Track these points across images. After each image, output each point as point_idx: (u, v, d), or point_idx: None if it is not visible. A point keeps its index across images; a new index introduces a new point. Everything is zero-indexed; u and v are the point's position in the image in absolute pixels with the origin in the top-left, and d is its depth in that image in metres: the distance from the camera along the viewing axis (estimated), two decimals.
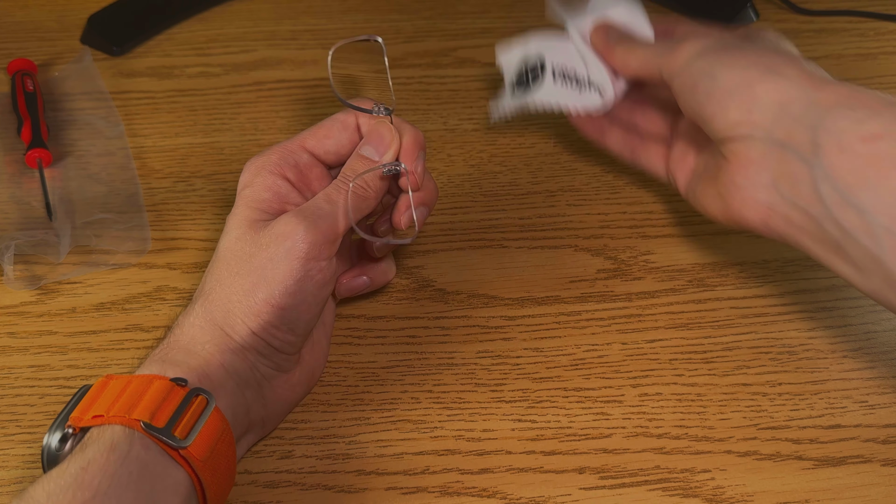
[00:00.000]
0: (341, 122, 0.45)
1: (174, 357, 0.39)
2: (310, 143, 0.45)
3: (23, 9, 0.67)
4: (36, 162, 0.54)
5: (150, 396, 0.36)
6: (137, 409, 0.36)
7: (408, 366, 0.47)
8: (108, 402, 0.36)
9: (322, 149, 0.45)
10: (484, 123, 0.59)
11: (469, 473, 0.43)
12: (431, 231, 0.53)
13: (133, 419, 0.35)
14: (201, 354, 0.39)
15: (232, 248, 0.41)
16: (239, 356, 0.40)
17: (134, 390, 0.36)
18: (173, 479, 0.35)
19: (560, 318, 0.49)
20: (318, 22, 0.67)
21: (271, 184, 0.43)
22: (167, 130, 0.59)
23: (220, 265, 0.41)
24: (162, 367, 0.38)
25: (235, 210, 0.43)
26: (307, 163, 0.45)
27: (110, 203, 0.53)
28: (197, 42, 0.65)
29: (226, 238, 0.42)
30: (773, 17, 0.68)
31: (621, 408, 0.45)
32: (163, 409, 0.36)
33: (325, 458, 0.43)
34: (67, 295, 0.49)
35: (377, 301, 0.50)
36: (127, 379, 0.37)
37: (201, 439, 0.36)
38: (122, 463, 0.34)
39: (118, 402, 0.36)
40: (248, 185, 0.43)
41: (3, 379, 0.46)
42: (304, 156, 0.44)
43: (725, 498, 0.42)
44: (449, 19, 0.67)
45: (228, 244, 0.42)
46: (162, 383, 0.37)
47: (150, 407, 0.36)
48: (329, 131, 0.45)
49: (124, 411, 0.35)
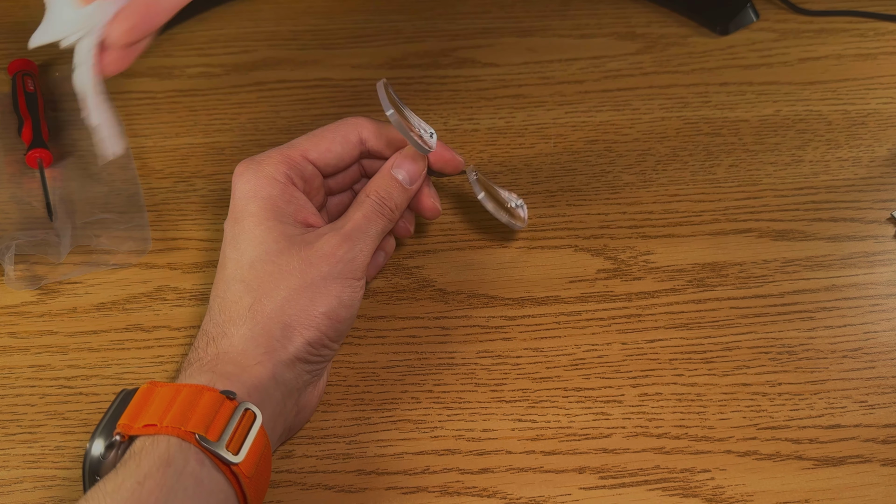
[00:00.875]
0: (343, 136, 0.46)
1: (224, 369, 0.39)
2: (312, 154, 0.45)
3: (23, 9, 0.67)
4: (37, 162, 0.54)
5: (202, 408, 0.36)
6: (192, 421, 0.35)
7: (408, 366, 0.47)
8: (159, 411, 0.36)
9: (324, 161, 0.45)
10: (484, 124, 0.60)
11: (469, 473, 0.43)
12: (431, 231, 0.53)
13: (188, 431, 0.35)
14: (254, 367, 0.39)
15: (276, 262, 0.41)
16: (289, 367, 0.40)
17: (185, 400, 0.36)
18: (224, 495, 0.35)
19: (560, 318, 0.49)
20: (319, 22, 0.67)
21: (290, 195, 0.43)
22: (168, 130, 0.59)
23: (262, 278, 0.41)
24: (211, 378, 0.38)
25: (261, 220, 0.42)
26: (311, 174, 0.45)
27: (111, 203, 0.53)
28: (197, 42, 0.65)
29: (261, 248, 0.41)
30: (773, 17, 0.68)
31: (621, 408, 0.45)
32: (215, 423, 0.35)
33: (325, 457, 0.43)
34: (68, 295, 0.49)
35: (377, 301, 0.50)
36: (175, 388, 0.37)
37: (249, 456, 0.36)
38: (178, 479, 0.34)
39: (170, 411, 0.36)
40: (258, 193, 0.43)
41: (4, 379, 0.46)
42: (308, 167, 0.45)
43: (725, 498, 0.42)
44: (449, 19, 0.67)
45: (269, 257, 0.41)
46: (212, 395, 0.36)
47: (204, 420, 0.35)
48: (332, 145, 0.45)
49: (178, 422, 0.35)
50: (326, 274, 0.41)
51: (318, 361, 0.42)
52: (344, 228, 0.43)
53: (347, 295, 0.42)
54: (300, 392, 0.42)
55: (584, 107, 0.61)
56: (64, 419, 0.44)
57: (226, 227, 0.44)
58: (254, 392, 0.38)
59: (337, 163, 0.46)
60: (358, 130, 0.46)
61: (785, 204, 0.55)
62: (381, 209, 0.44)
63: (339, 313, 0.41)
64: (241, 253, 0.42)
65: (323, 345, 0.41)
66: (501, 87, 0.62)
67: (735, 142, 0.58)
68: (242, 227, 0.42)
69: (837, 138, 0.59)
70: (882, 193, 0.55)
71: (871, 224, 0.54)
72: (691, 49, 0.65)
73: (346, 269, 0.42)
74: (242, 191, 0.43)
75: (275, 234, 0.42)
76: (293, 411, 0.41)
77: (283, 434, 0.42)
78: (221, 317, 0.41)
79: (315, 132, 0.46)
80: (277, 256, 0.41)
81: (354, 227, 0.43)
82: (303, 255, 0.41)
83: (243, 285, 0.41)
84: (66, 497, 0.42)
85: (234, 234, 0.43)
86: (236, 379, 0.38)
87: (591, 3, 0.69)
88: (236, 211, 0.43)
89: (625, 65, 0.64)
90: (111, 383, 0.46)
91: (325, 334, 0.41)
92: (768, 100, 0.61)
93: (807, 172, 0.57)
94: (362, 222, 0.43)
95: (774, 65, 0.64)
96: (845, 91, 0.62)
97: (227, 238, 0.43)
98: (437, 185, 0.56)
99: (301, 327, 0.40)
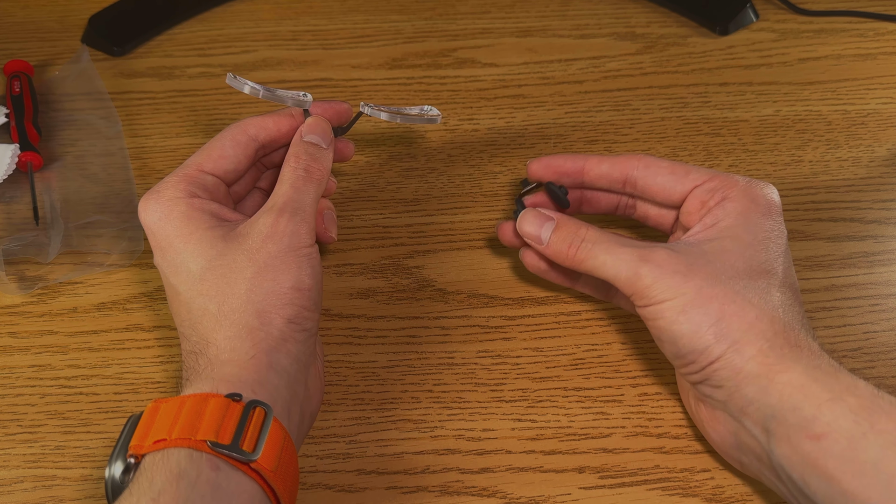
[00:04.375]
0: (232, 139, 0.45)
1: (221, 372, 0.38)
2: (208, 166, 0.45)
3: (24, 9, 0.67)
4: (26, 166, 0.54)
5: (209, 415, 0.36)
6: (201, 429, 0.35)
7: (408, 365, 0.47)
8: (166, 426, 0.35)
9: (222, 169, 0.45)
10: (484, 124, 0.60)
11: (469, 473, 0.43)
12: (431, 231, 0.53)
13: (199, 440, 0.35)
14: (248, 363, 0.39)
15: (223, 264, 0.41)
16: (282, 351, 0.40)
17: (190, 410, 0.36)
18: (248, 494, 0.35)
19: (560, 318, 0.49)
20: (319, 22, 0.67)
21: (200, 206, 0.43)
22: (168, 131, 0.59)
23: (217, 282, 0.41)
24: (213, 385, 0.38)
25: (186, 236, 0.42)
26: (213, 184, 0.45)
27: (108, 204, 0.53)
28: (198, 42, 0.65)
29: (201, 259, 0.41)
30: (773, 17, 0.68)
31: (621, 407, 0.45)
32: (225, 427, 0.35)
33: (325, 457, 0.43)
34: (68, 295, 0.50)
35: (377, 301, 0.50)
36: (179, 400, 0.37)
37: (268, 450, 0.36)
38: (192, 489, 0.33)
39: (177, 423, 0.35)
40: (169, 216, 0.42)
41: (5, 378, 0.46)
42: (208, 178, 0.44)
43: (725, 497, 0.42)
44: (449, 19, 0.67)
45: (213, 263, 0.41)
46: (218, 401, 0.36)
47: (213, 426, 0.35)
48: (223, 151, 0.45)
49: (188, 433, 0.35)
50: (276, 252, 0.41)
51: (305, 337, 0.41)
52: (276, 205, 0.43)
53: (305, 264, 0.41)
54: (304, 374, 0.41)
55: (583, 107, 0.61)
56: (64, 419, 0.44)
57: (158, 264, 0.43)
58: (257, 388, 0.38)
59: (235, 167, 0.45)
60: (244, 129, 0.46)
61: (785, 204, 0.54)
62: (308, 174, 0.44)
63: (305, 282, 0.41)
64: (185, 274, 0.41)
65: (303, 317, 0.41)
66: (501, 87, 0.62)
67: (735, 142, 0.58)
68: (174, 251, 0.42)
69: (837, 138, 0.59)
70: (882, 193, 0.55)
71: (871, 224, 0.54)
72: (691, 49, 0.65)
73: (293, 242, 0.41)
74: (152, 220, 0.43)
75: (206, 241, 0.42)
76: (303, 396, 0.41)
77: (301, 421, 0.41)
78: (196, 334, 0.40)
79: (204, 146, 0.46)
80: (221, 258, 0.41)
81: (286, 199, 0.43)
82: (245, 247, 0.41)
83: (202, 298, 0.41)
84: (66, 497, 0.42)
85: (168, 263, 0.42)
86: (236, 379, 0.38)
87: (591, 3, 0.69)
88: (158, 241, 0.42)
89: (625, 65, 0.64)
90: (111, 383, 0.46)
91: (302, 306, 0.41)
92: (768, 100, 0.61)
93: (806, 172, 0.57)
94: (292, 193, 0.43)
95: (774, 65, 0.64)
96: (845, 91, 0.62)
97: (163, 268, 0.43)
98: (437, 183, 0.56)
99: (275, 308, 0.40)
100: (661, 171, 0.45)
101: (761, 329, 0.39)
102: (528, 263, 0.48)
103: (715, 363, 0.39)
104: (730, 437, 0.41)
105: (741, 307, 0.39)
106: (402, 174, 0.56)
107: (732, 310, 0.39)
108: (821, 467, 0.36)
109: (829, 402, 0.37)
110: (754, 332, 0.39)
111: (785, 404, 0.37)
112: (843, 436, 0.36)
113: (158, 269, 0.43)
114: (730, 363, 0.39)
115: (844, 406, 0.36)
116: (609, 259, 0.42)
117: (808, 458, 0.36)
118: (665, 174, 0.45)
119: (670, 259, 0.41)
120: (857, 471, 0.35)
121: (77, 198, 0.53)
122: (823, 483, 0.36)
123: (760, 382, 0.38)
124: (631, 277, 0.41)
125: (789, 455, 0.37)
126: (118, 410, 0.45)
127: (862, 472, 0.35)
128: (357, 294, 0.50)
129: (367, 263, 0.51)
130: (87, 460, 0.43)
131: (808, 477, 0.36)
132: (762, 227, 0.42)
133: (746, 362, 0.39)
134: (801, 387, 0.37)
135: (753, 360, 0.39)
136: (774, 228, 0.43)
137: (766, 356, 0.38)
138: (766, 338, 0.39)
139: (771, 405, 0.38)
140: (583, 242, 0.43)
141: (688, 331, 0.39)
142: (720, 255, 0.41)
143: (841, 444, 0.36)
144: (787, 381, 0.38)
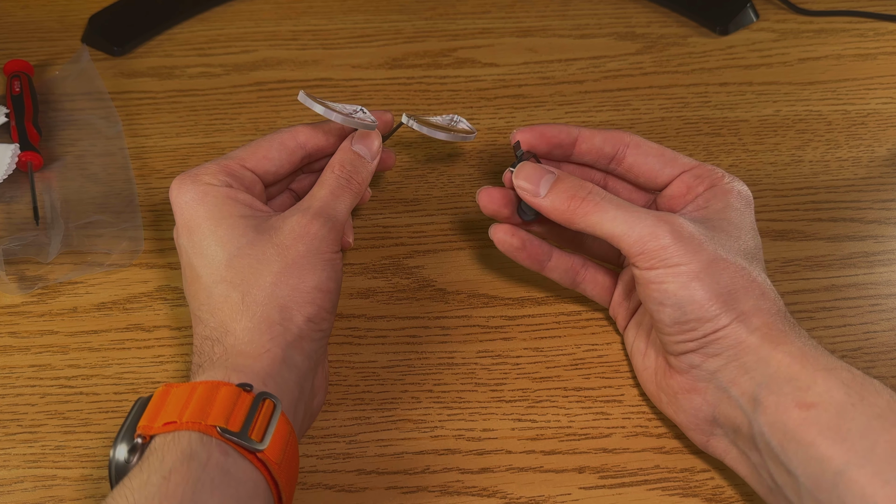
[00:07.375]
0: (280, 143, 0.46)
1: (235, 362, 0.39)
2: (250, 163, 0.45)
3: (24, 9, 0.67)
4: (26, 165, 0.54)
5: (220, 402, 0.36)
6: (211, 415, 0.35)
7: (408, 365, 0.47)
8: (177, 409, 0.36)
9: (263, 168, 0.45)
10: (484, 124, 0.60)
11: (469, 473, 0.43)
12: (431, 231, 0.53)
13: (209, 425, 0.35)
14: (263, 356, 0.39)
15: (252, 254, 0.41)
16: (297, 348, 0.40)
17: (202, 396, 0.36)
18: (253, 482, 0.35)
19: (560, 318, 0.49)
20: (319, 22, 0.67)
21: (234, 195, 0.43)
22: (168, 130, 0.59)
23: (243, 271, 0.41)
24: (225, 374, 0.38)
25: (218, 221, 0.42)
26: (251, 181, 0.45)
27: (108, 204, 0.53)
28: (198, 42, 0.65)
29: (230, 245, 0.41)
30: (773, 17, 0.68)
31: (621, 407, 0.45)
32: (235, 415, 0.36)
33: (325, 457, 0.43)
34: (68, 295, 0.50)
35: (377, 301, 0.50)
36: (191, 386, 0.37)
37: (274, 442, 0.36)
38: (203, 470, 0.34)
39: (188, 408, 0.36)
40: (203, 199, 0.42)
41: (5, 378, 0.46)
42: (247, 174, 0.45)
43: (725, 497, 0.42)
44: (449, 19, 0.67)
45: (242, 251, 0.41)
46: (229, 389, 0.37)
47: (223, 413, 0.36)
48: (268, 152, 0.45)
49: (198, 417, 0.35)
50: (304, 252, 0.42)
51: (320, 336, 0.42)
52: (312, 207, 0.43)
53: (330, 268, 0.42)
54: (314, 372, 0.42)
55: (584, 107, 0.61)
56: (64, 419, 0.44)
57: (179, 241, 0.43)
58: (269, 381, 0.38)
59: (277, 169, 0.46)
60: (294, 135, 0.46)
61: (785, 204, 0.55)
62: (348, 184, 0.45)
63: (328, 285, 0.42)
64: (211, 257, 0.41)
65: (322, 318, 0.42)
66: (501, 87, 0.62)
67: (735, 142, 0.58)
68: (201, 233, 0.42)
69: (837, 138, 0.59)
70: (882, 193, 0.55)
71: (871, 224, 0.54)
72: (691, 49, 0.65)
73: (322, 246, 0.42)
74: (184, 201, 0.43)
75: (239, 228, 0.42)
76: (310, 394, 0.42)
77: (304, 419, 0.42)
78: (215, 319, 0.41)
79: (251, 143, 0.46)
80: (250, 248, 0.41)
81: (323, 204, 0.44)
82: (275, 241, 0.42)
83: (226, 284, 0.41)
84: (66, 497, 0.42)
85: (193, 244, 0.42)
86: (249, 370, 0.38)
87: (591, 3, 0.69)
88: (187, 221, 0.42)
89: (625, 65, 0.64)
90: (111, 383, 0.46)
91: (322, 307, 0.41)
92: (768, 100, 0.61)
93: (807, 172, 0.57)
94: (330, 199, 0.44)
95: (774, 65, 0.64)
96: (845, 91, 0.62)
97: (186, 249, 0.42)
98: (438, 183, 0.56)
99: (297, 305, 0.41)
100: (651, 153, 0.46)
101: (766, 306, 0.40)
102: (498, 240, 0.47)
103: (720, 331, 0.40)
104: (706, 408, 0.41)
105: (749, 282, 0.40)
106: (402, 174, 0.56)
107: (742, 283, 0.40)
108: (802, 433, 0.36)
109: (824, 372, 0.38)
110: (760, 306, 0.40)
111: (782, 374, 0.38)
112: (833, 406, 0.36)
113: (179, 249, 0.43)
114: (734, 332, 0.39)
115: (838, 379, 0.37)
116: (621, 214, 0.42)
117: (793, 425, 0.37)
118: (655, 156, 0.46)
119: (686, 225, 0.41)
120: (840, 437, 0.36)
121: (77, 198, 0.53)
122: (802, 449, 0.36)
123: (761, 353, 0.39)
124: (645, 236, 0.41)
125: (773, 422, 0.37)
126: (118, 410, 0.45)
127: (844, 438, 0.35)
128: (357, 294, 0.50)
129: (368, 263, 0.51)
130: (87, 460, 0.43)
131: (788, 443, 0.37)
132: (747, 217, 0.43)
133: (751, 333, 0.39)
134: (801, 357, 0.38)
135: (759, 331, 0.39)
136: (754, 222, 0.44)
137: (770, 329, 0.39)
138: (771, 313, 0.40)
139: (768, 374, 0.38)
140: (589, 194, 0.43)
141: (699, 297, 0.40)
142: (720, 233, 0.42)
143: (829, 413, 0.36)
144: (788, 352, 0.39)
